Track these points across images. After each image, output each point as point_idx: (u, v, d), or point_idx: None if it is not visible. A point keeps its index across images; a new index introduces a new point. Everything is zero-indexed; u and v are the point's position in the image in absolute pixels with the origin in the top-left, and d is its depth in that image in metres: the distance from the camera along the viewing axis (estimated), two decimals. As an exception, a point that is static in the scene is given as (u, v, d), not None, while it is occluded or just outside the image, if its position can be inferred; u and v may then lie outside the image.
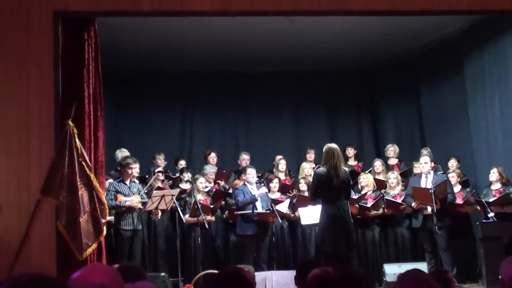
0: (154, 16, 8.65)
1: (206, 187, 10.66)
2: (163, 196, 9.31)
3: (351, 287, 1.77)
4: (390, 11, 8.67)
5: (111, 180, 9.54)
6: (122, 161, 9.59)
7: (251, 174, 10.28)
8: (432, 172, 10.13)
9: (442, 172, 10.66)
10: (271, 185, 10.63)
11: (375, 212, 10.40)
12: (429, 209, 9.68)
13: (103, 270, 2.47)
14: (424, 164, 10.17)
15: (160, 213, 9.78)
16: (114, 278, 2.43)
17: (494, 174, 9.97)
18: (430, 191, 9.53)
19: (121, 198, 9.09)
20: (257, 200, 9.95)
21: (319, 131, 13.36)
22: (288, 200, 10.42)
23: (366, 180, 10.72)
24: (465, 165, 11.23)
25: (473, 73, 11.37)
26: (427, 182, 9.99)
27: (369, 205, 10.34)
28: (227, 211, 10.56)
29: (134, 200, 9.16)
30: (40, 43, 7.58)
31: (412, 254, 10.45)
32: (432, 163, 10.41)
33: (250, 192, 10.06)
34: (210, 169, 11.06)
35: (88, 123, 7.70)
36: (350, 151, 12.22)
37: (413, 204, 9.97)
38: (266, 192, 10.26)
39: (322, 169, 8.40)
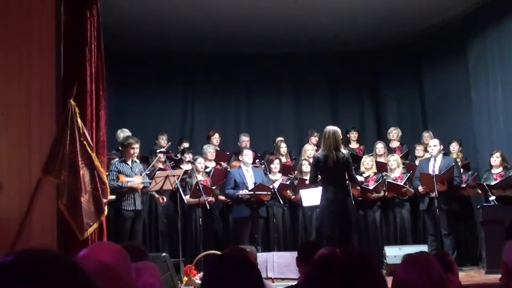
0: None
1: (206, 167, 10.65)
2: (167, 177, 9.30)
3: (358, 267, 1.75)
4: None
5: (113, 160, 9.52)
6: (124, 141, 9.56)
7: (248, 155, 10.32)
8: (441, 155, 10.11)
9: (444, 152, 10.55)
10: (272, 166, 10.65)
11: (377, 194, 10.41)
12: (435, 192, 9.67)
13: (110, 248, 2.45)
14: (433, 147, 10.13)
15: (165, 200, 9.79)
16: (121, 257, 2.42)
17: (497, 159, 9.94)
18: (433, 177, 9.53)
19: (123, 178, 9.07)
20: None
21: (320, 114, 13.34)
22: (281, 179, 10.42)
23: (368, 163, 10.72)
24: (466, 149, 11.24)
25: (476, 57, 11.33)
26: (435, 165, 9.97)
27: (371, 187, 10.35)
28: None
29: (136, 181, 9.16)
30: (42, 21, 7.51)
31: (413, 236, 10.49)
32: (441, 146, 10.35)
33: (243, 175, 10.10)
34: (208, 148, 11.01)
35: (90, 102, 7.64)
36: (354, 134, 12.19)
37: (419, 188, 9.97)
38: (265, 172, 10.32)
39: (319, 152, 8.43)
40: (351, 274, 1.70)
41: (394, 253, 9.35)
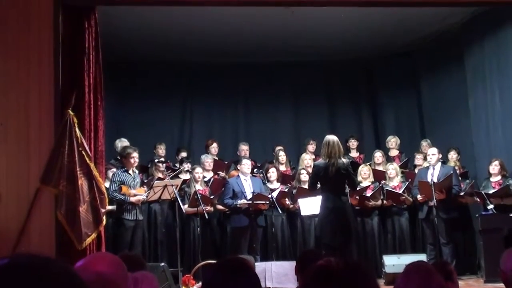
0: (154, 5, 8.62)
1: (204, 177, 10.63)
2: (165, 186, 9.29)
3: (354, 278, 1.75)
4: (391, 2, 8.64)
5: (114, 170, 9.49)
6: (123, 151, 9.46)
7: (246, 165, 10.30)
8: (439, 164, 10.12)
9: (442, 161, 10.54)
10: (268, 175, 10.64)
11: (374, 203, 10.40)
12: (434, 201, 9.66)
13: (108, 259, 2.46)
14: (431, 156, 10.14)
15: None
16: (118, 267, 2.42)
17: (496, 167, 9.92)
18: (431, 186, 9.53)
19: (125, 189, 8.99)
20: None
21: (319, 122, 13.32)
22: (279, 188, 10.42)
23: (365, 173, 10.71)
24: (465, 157, 11.22)
25: (473, 65, 11.33)
26: (433, 174, 9.98)
27: (368, 195, 10.34)
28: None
29: (141, 196, 9.07)
30: (41, 32, 7.53)
31: (411, 245, 10.47)
32: (440, 154, 10.35)
33: (242, 184, 10.09)
34: (206, 158, 10.99)
35: (88, 112, 7.67)
36: (354, 143, 12.18)
37: (418, 197, 9.97)
38: (264, 182, 10.31)
39: (320, 160, 8.41)
40: (345, 284, 1.70)
41: (392, 262, 9.33)
